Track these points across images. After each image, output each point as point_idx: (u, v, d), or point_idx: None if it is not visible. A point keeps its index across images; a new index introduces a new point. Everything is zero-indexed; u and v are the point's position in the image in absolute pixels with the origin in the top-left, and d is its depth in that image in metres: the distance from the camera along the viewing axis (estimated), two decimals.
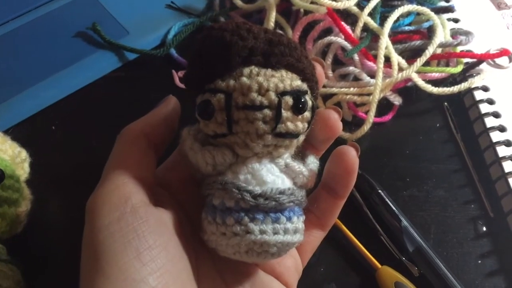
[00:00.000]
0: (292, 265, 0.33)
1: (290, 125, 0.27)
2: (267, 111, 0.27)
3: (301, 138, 0.29)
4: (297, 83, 0.28)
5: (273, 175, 0.28)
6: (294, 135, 0.28)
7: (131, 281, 0.25)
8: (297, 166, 0.29)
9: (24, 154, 0.41)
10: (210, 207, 0.28)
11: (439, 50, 0.51)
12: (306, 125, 0.28)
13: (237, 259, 0.28)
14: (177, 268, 0.27)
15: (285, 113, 0.27)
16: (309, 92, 0.29)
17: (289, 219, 0.28)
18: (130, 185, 0.28)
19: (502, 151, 0.47)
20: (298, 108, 0.27)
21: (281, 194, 0.28)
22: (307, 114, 0.28)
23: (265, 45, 0.27)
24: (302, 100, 0.27)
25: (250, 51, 0.27)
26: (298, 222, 0.29)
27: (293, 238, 0.28)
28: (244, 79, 0.27)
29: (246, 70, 0.27)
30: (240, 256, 0.28)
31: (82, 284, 0.26)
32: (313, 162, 0.30)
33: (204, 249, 0.30)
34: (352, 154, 0.32)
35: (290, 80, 0.27)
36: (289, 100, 0.27)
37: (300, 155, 0.30)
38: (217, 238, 0.28)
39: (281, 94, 0.27)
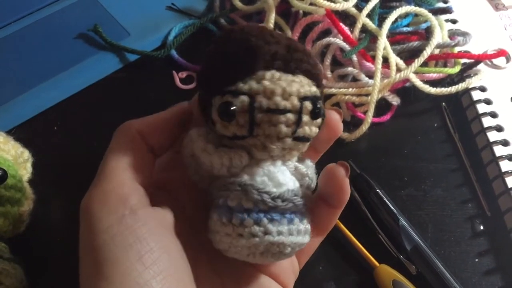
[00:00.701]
0: (288, 266, 0.33)
1: (307, 129, 0.28)
2: (290, 115, 0.27)
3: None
4: (314, 89, 0.28)
5: (287, 177, 0.29)
6: (308, 139, 0.29)
7: (135, 285, 0.24)
8: (304, 168, 0.30)
9: (26, 154, 0.42)
10: (225, 208, 0.28)
11: (437, 51, 0.52)
12: (317, 130, 0.29)
13: (248, 260, 0.28)
14: (179, 271, 0.27)
15: (304, 118, 0.28)
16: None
17: (301, 220, 0.29)
18: (128, 185, 0.28)
19: (499, 150, 0.47)
20: (315, 113, 0.28)
21: (296, 196, 0.28)
22: (320, 119, 0.29)
23: (285, 50, 0.28)
24: (318, 105, 0.28)
25: (273, 55, 0.27)
26: (308, 223, 0.29)
27: (304, 239, 0.29)
28: (267, 82, 0.27)
29: (268, 74, 0.27)
30: (254, 257, 0.28)
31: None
32: (311, 166, 0.31)
33: (202, 250, 0.30)
34: (341, 174, 0.31)
35: (308, 86, 0.28)
36: (308, 105, 0.27)
37: (297, 159, 0.31)
38: (233, 239, 0.27)
39: (302, 99, 0.27)
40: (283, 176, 0.28)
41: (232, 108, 0.27)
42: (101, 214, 0.26)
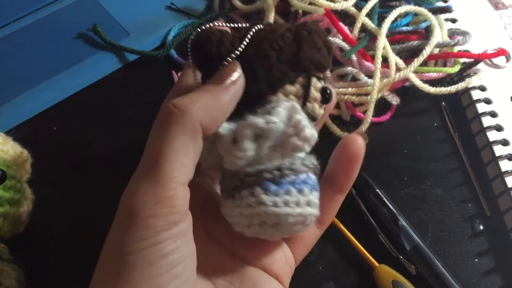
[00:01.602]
0: (281, 257, 0.33)
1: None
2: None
3: None
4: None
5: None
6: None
7: None
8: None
9: (25, 154, 0.42)
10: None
11: (436, 50, 0.52)
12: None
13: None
14: (194, 275, 0.27)
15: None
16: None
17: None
18: (182, 194, 0.26)
19: (499, 150, 0.47)
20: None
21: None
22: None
23: None
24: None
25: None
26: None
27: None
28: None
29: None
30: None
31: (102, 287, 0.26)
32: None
33: None
34: (358, 141, 0.32)
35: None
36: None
37: None
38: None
39: None
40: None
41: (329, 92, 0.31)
42: (147, 222, 0.25)
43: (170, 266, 0.25)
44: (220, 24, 0.31)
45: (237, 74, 0.28)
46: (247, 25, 0.31)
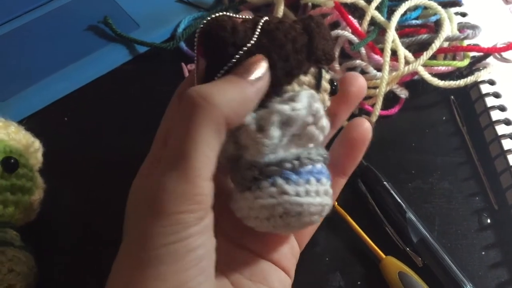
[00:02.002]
0: (288, 251, 0.34)
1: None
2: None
3: None
4: None
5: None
6: None
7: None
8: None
9: (37, 144, 0.42)
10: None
11: (446, 44, 0.52)
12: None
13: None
14: (213, 270, 0.28)
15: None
16: None
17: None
18: (207, 190, 0.26)
19: (507, 144, 0.47)
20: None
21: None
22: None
23: None
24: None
25: None
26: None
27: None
28: None
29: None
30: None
31: (126, 279, 0.26)
32: None
33: None
34: (365, 124, 0.33)
35: None
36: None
37: None
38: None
39: None
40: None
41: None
42: (177, 217, 0.25)
43: (197, 261, 0.26)
44: (229, 13, 0.31)
45: (263, 69, 0.28)
46: (251, 17, 0.31)
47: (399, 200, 0.44)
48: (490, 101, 0.50)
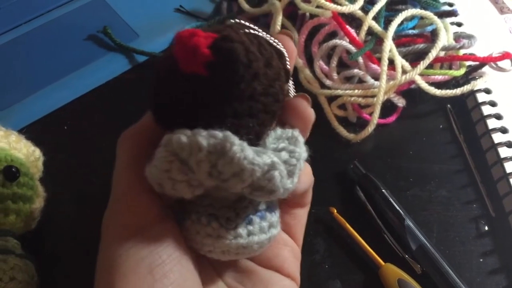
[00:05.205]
0: (289, 254, 0.33)
1: None
2: None
3: None
4: None
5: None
6: None
7: None
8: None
9: (38, 152, 0.43)
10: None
11: (442, 53, 0.52)
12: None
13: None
14: (189, 280, 0.27)
15: None
16: None
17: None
18: (144, 201, 0.28)
19: (504, 152, 0.48)
20: None
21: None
22: None
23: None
24: None
25: None
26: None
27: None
28: None
29: None
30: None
31: None
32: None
33: (204, 256, 0.30)
34: (304, 103, 0.30)
35: None
36: None
37: None
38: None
39: None
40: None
41: None
42: (117, 231, 0.27)
43: (149, 269, 0.26)
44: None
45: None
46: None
47: (397, 208, 0.45)
48: (486, 110, 0.50)
